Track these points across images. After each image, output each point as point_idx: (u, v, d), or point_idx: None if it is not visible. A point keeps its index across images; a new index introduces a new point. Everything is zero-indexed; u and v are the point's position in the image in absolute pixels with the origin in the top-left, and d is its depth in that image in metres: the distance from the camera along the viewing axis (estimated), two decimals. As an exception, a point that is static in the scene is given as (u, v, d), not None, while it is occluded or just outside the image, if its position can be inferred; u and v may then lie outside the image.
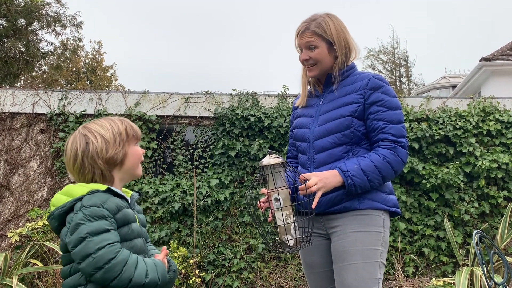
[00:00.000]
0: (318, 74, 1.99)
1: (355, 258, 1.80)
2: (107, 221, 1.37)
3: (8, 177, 5.28)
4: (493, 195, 5.29)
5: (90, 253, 1.31)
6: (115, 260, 1.32)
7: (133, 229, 1.47)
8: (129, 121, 1.61)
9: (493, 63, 11.37)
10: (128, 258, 1.35)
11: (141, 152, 1.60)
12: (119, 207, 1.43)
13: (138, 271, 1.35)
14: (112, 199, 1.43)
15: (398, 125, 1.88)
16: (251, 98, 5.58)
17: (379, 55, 25.14)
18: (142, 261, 1.39)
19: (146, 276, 1.36)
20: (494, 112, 5.56)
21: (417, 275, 5.14)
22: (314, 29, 1.94)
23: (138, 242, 1.48)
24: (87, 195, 1.40)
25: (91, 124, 1.55)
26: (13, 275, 4.02)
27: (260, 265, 5.11)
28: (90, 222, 1.34)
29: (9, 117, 5.40)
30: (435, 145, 5.37)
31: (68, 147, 1.52)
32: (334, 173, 1.80)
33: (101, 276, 1.31)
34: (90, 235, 1.33)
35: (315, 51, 1.95)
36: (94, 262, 1.31)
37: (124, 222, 1.44)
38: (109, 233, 1.35)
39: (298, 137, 2.06)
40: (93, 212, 1.36)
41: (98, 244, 1.32)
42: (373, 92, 1.89)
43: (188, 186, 5.13)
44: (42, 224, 4.69)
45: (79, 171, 1.49)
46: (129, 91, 5.67)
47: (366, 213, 1.85)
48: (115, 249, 1.33)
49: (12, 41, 12.53)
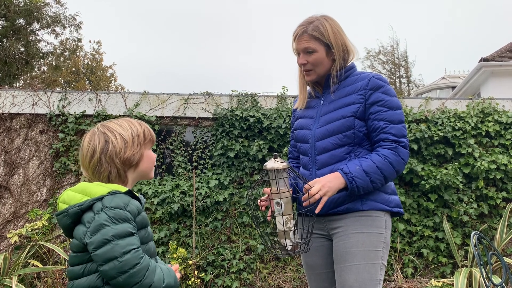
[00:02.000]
0: (316, 78, 1.99)
1: (357, 259, 1.80)
2: (130, 224, 1.36)
3: (8, 177, 5.28)
4: (492, 196, 5.29)
5: (116, 256, 1.30)
6: (139, 266, 1.32)
7: (149, 232, 1.48)
8: (146, 124, 1.61)
9: (493, 64, 11.38)
10: (150, 265, 1.36)
11: (155, 156, 1.61)
12: (139, 210, 1.43)
13: (157, 277, 1.36)
14: (133, 201, 1.42)
15: (398, 125, 1.88)
16: (251, 99, 5.59)
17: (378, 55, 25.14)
18: (159, 267, 1.40)
19: (163, 282, 1.38)
20: (493, 113, 5.56)
21: (416, 276, 5.15)
22: (312, 32, 1.93)
23: (152, 245, 1.49)
24: (108, 196, 1.38)
25: (109, 123, 1.54)
26: (12, 276, 4.02)
27: (259, 266, 5.12)
28: (115, 224, 1.33)
29: (8, 118, 5.40)
30: (434, 146, 5.38)
31: (85, 144, 1.50)
32: (336, 176, 1.80)
33: (124, 280, 1.31)
34: (116, 238, 1.32)
35: (313, 56, 1.94)
36: (119, 266, 1.30)
37: (142, 225, 1.44)
38: (133, 237, 1.35)
39: (299, 138, 2.05)
40: (117, 214, 1.35)
41: (124, 248, 1.31)
42: (373, 92, 1.89)
43: (188, 187, 5.14)
44: (41, 224, 4.70)
45: (94, 168, 1.47)
46: (128, 92, 5.68)
47: (369, 214, 1.86)
48: (140, 255, 1.34)
49: (12, 42, 12.53)
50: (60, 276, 4.66)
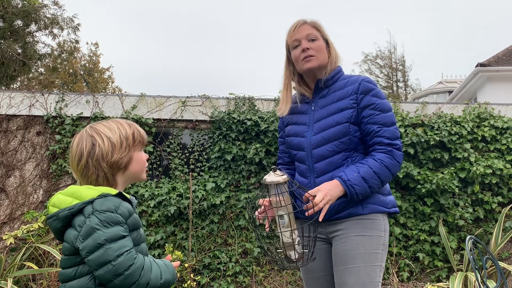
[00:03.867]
0: (317, 65, 1.97)
1: (357, 262, 1.82)
2: (122, 227, 1.36)
3: (4, 179, 5.26)
4: (487, 200, 5.32)
5: (110, 260, 1.30)
6: (134, 266, 1.32)
7: (141, 234, 1.48)
8: (137, 125, 1.58)
9: (489, 69, 11.45)
10: (144, 263, 1.36)
11: (145, 158, 1.59)
12: (130, 212, 1.42)
13: (153, 274, 1.37)
14: (124, 204, 1.41)
15: (391, 127, 1.89)
16: (248, 102, 5.60)
17: (376, 59, 25.24)
18: (155, 264, 1.40)
19: (161, 277, 1.38)
20: (489, 118, 5.59)
21: (411, 280, 5.16)
22: (312, 24, 1.99)
23: (144, 246, 1.49)
24: (98, 199, 1.37)
25: (98, 125, 1.52)
26: (7, 278, 4.00)
27: (255, 269, 5.12)
28: (106, 228, 1.33)
29: (5, 119, 5.39)
30: (430, 151, 5.40)
31: (74, 146, 1.49)
32: (336, 184, 1.81)
33: (120, 282, 1.31)
34: (108, 241, 1.31)
35: (315, 43, 1.97)
36: (114, 270, 1.30)
37: (134, 227, 1.44)
38: (125, 239, 1.35)
39: (293, 146, 2.05)
40: (108, 218, 1.34)
41: (117, 251, 1.31)
42: (364, 96, 1.90)
43: (184, 190, 5.14)
44: (37, 226, 4.68)
45: (82, 171, 1.46)
46: (126, 94, 5.68)
47: (368, 217, 1.88)
48: (133, 256, 1.34)
49: (9, 43, 12.51)
50: (55, 278, 4.65)
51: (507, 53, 12.88)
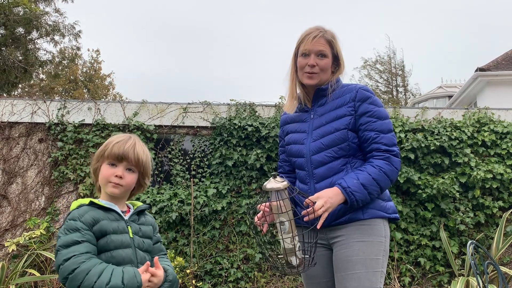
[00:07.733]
0: (317, 83, 2.00)
1: (358, 268, 1.83)
2: (79, 233, 1.46)
3: (6, 186, 5.28)
4: (488, 205, 5.32)
5: (59, 264, 1.42)
6: (78, 269, 1.41)
7: (113, 240, 1.52)
8: (119, 139, 1.63)
9: (489, 74, 11.48)
10: (92, 268, 1.42)
11: (110, 173, 1.59)
12: (96, 220, 1.50)
13: (100, 279, 1.42)
14: (91, 212, 1.51)
15: (388, 134, 1.92)
16: (249, 108, 5.62)
17: (375, 65, 25.28)
18: (109, 270, 1.44)
19: (107, 283, 1.42)
20: (489, 122, 5.61)
21: (413, 285, 5.16)
22: (329, 38, 1.99)
23: (122, 252, 1.52)
24: (74, 210, 1.52)
25: None
26: (9, 285, 4.02)
27: (257, 275, 5.12)
28: (65, 235, 1.46)
29: (7, 127, 5.42)
30: (431, 156, 5.42)
31: None
32: (336, 191, 1.82)
33: (68, 285, 1.42)
34: (62, 247, 1.44)
35: (324, 60, 1.98)
36: (61, 273, 1.42)
37: (101, 233, 1.50)
38: (79, 245, 1.44)
39: (293, 153, 2.08)
40: (69, 226, 1.47)
41: (65, 255, 1.42)
42: (362, 104, 1.94)
43: (186, 196, 5.15)
44: (39, 233, 4.70)
45: None
46: (127, 101, 5.71)
47: (369, 223, 1.89)
48: (79, 260, 1.42)
49: (11, 50, 12.58)
50: (57, 285, 4.65)
51: (507, 57, 12.92)
